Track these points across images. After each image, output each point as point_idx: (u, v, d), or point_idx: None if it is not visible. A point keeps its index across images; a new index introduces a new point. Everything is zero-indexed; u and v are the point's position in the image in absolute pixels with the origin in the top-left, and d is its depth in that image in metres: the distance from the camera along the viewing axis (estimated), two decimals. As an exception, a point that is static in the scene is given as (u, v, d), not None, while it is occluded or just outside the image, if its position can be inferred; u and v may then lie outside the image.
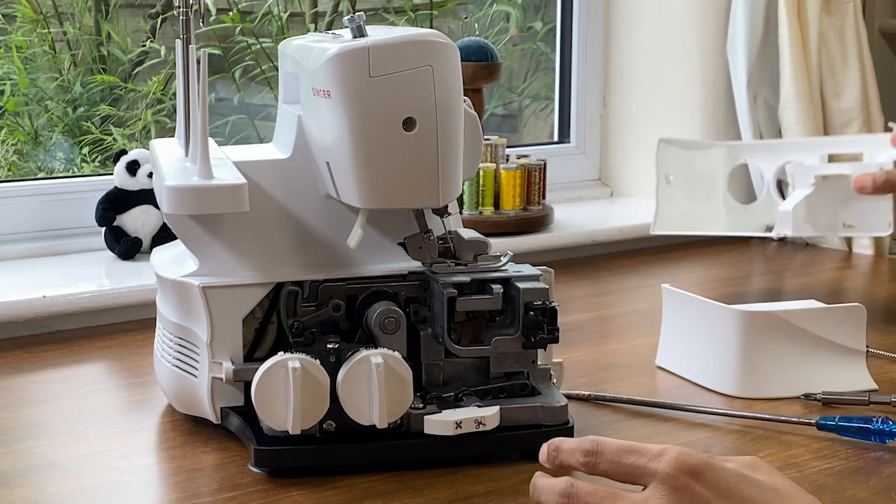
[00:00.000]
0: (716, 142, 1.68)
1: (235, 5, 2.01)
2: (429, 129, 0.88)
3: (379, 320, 0.93)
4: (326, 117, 0.90)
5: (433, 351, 0.95)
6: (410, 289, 0.96)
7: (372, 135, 0.88)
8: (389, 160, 0.88)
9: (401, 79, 0.87)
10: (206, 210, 0.91)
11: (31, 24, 2.01)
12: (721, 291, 1.50)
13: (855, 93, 1.87)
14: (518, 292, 0.93)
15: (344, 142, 0.88)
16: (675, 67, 1.96)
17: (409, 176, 0.89)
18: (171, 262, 1.01)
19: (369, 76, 0.87)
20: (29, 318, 1.28)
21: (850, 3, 1.88)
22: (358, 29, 0.90)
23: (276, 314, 0.96)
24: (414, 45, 0.88)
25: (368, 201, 0.90)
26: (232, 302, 0.94)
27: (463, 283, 0.93)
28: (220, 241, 0.95)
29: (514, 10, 2.25)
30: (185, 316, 0.97)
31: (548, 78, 2.21)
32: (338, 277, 0.96)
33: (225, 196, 0.90)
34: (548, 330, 0.92)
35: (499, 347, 0.94)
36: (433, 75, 0.88)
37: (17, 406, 1.06)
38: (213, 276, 0.95)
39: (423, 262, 0.96)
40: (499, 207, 1.69)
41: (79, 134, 2.02)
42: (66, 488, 0.88)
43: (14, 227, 1.51)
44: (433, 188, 0.90)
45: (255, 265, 0.96)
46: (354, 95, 0.87)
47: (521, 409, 0.93)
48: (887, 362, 1.19)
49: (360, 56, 0.87)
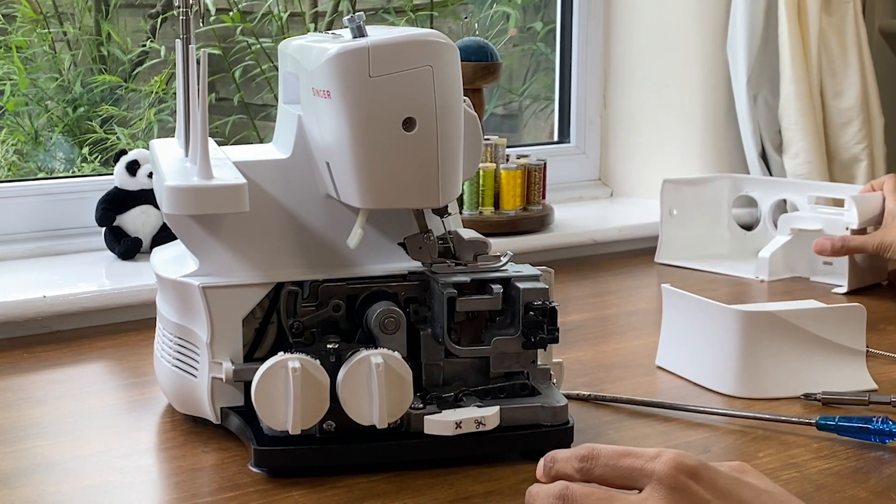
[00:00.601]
0: (719, 174, 1.77)
1: (235, 5, 2.01)
2: (429, 129, 0.88)
3: (379, 320, 0.93)
4: (326, 117, 0.90)
5: (433, 351, 0.95)
6: (410, 289, 0.96)
7: (372, 135, 0.88)
8: (389, 160, 0.88)
9: (401, 79, 0.87)
10: (206, 210, 0.91)
11: (31, 24, 2.01)
12: (722, 292, 1.50)
13: (855, 93, 1.87)
14: (518, 292, 0.92)
15: (344, 142, 0.88)
16: (675, 67, 1.96)
17: (409, 176, 0.89)
18: (171, 262, 1.01)
19: (369, 76, 0.87)
20: (29, 318, 1.28)
21: (850, 3, 1.88)
22: (358, 29, 0.90)
23: (276, 314, 0.96)
24: (414, 45, 0.88)
25: (368, 201, 0.90)
26: (232, 302, 0.94)
27: (463, 284, 0.93)
28: (220, 241, 0.95)
29: (514, 11, 2.25)
30: (186, 316, 0.97)
31: (548, 78, 2.21)
32: (337, 277, 0.96)
33: (225, 196, 0.90)
34: (548, 330, 0.92)
35: (499, 347, 0.93)
36: (433, 75, 0.88)
37: (17, 406, 1.06)
38: (213, 276, 0.95)
39: (423, 262, 0.96)
40: (499, 207, 1.69)
41: (79, 134, 2.02)
42: (66, 488, 0.88)
43: (14, 227, 1.51)
44: (433, 188, 0.90)
45: (255, 265, 0.96)
46: (354, 95, 0.87)
47: (521, 409, 0.93)
48: (887, 362, 1.19)
49: (359, 56, 0.87)
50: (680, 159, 1.96)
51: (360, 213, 0.93)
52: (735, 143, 1.93)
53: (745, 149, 1.90)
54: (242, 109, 2.06)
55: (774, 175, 1.88)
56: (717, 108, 1.95)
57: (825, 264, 1.54)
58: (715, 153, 1.95)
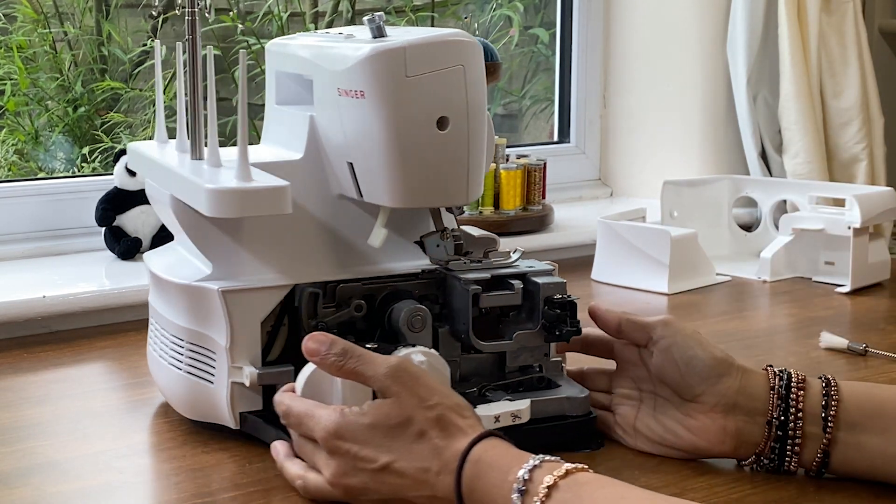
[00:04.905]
0: (719, 175, 1.77)
1: (235, 5, 2.01)
2: (460, 128, 0.89)
3: (407, 319, 0.93)
4: (356, 117, 0.89)
5: (450, 348, 0.95)
6: (423, 287, 0.97)
7: (407, 134, 0.88)
8: (423, 159, 0.89)
9: (435, 78, 0.88)
10: (250, 212, 0.89)
11: (31, 24, 2.01)
12: (722, 292, 1.50)
13: (854, 92, 1.87)
14: (537, 287, 0.94)
15: (378, 142, 0.88)
16: (675, 67, 1.96)
17: (441, 174, 0.90)
18: (175, 266, 0.99)
19: (405, 76, 0.87)
20: (29, 318, 1.28)
21: (849, 3, 1.88)
22: (378, 29, 0.91)
23: (286, 316, 0.96)
24: (447, 45, 0.89)
25: (401, 201, 0.90)
26: (251, 305, 0.93)
27: (484, 280, 0.94)
28: (237, 243, 0.94)
29: (515, 14, 2.25)
30: (200, 321, 0.95)
31: (548, 80, 2.22)
32: (355, 278, 0.96)
33: (269, 198, 0.88)
34: (571, 322, 0.94)
35: (521, 342, 0.95)
36: (464, 74, 0.89)
37: (17, 406, 1.06)
38: (229, 279, 0.94)
39: (439, 260, 0.96)
40: (499, 207, 1.69)
41: (80, 134, 2.02)
42: (66, 488, 0.88)
43: (14, 227, 1.51)
44: (462, 186, 0.91)
45: (271, 267, 0.95)
46: (391, 95, 0.87)
47: (548, 401, 0.94)
48: (887, 362, 1.19)
49: (396, 56, 0.87)
50: (680, 159, 1.96)
51: (382, 213, 0.93)
52: (735, 142, 1.93)
53: (745, 148, 1.90)
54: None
55: (774, 175, 1.88)
56: (717, 108, 1.95)
57: (827, 264, 1.54)
58: (715, 153, 1.96)
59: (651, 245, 1.49)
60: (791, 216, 1.58)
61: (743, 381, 0.89)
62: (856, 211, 1.49)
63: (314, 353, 0.83)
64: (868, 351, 1.19)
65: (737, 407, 0.88)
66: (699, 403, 0.89)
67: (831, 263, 1.53)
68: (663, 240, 1.48)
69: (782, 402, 0.87)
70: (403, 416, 0.79)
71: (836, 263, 1.52)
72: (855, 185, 1.75)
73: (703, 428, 0.89)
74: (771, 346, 1.26)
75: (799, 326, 1.34)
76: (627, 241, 1.51)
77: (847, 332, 1.28)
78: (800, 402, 0.87)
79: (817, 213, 1.56)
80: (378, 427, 0.79)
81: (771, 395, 0.88)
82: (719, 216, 1.70)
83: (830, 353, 1.21)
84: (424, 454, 0.78)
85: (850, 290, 1.48)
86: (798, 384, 0.88)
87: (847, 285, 1.48)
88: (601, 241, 1.55)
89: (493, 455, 0.76)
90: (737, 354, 0.93)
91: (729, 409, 0.88)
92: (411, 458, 0.78)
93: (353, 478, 0.80)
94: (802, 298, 1.46)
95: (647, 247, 1.49)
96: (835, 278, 1.52)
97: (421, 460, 0.78)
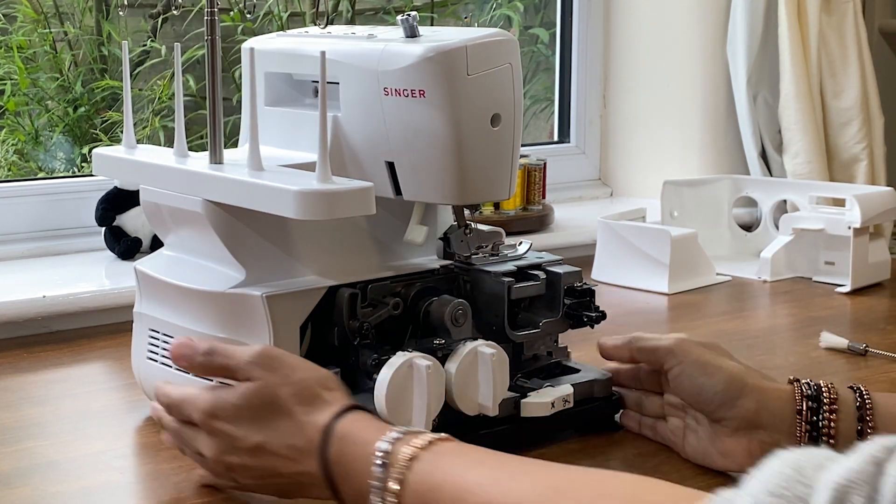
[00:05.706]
0: (719, 175, 1.78)
1: (235, 5, 2.01)
2: (509, 125, 0.92)
3: (451, 313, 0.93)
4: (410, 116, 0.90)
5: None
6: (444, 282, 0.98)
7: (466, 132, 0.90)
8: (478, 156, 0.91)
9: (490, 76, 0.90)
10: (339, 214, 0.87)
11: (31, 23, 2.01)
12: (723, 292, 1.51)
13: (854, 92, 1.87)
14: (558, 277, 0.97)
15: (436, 140, 0.90)
16: (675, 67, 1.96)
17: (491, 171, 0.92)
18: (192, 274, 0.96)
19: (467, 74, 0.89)
20: (29, 318, 1.28)
21: (849, 3, 1.88)
22: (411, 28, 0.92)
23: (308, 318, 0.94)
24: (500, 43, 0.91)
25: (453, 198, 0.92)
26: (293, 309, 0.92)
27: (511, 272, 0.96)
28: (277, 248, 0.94)
29: (515, 14, 2.25)
30: (234, 328, 0.93)
31: (548, 80, 2.21)
32: (385, 277, 0.96)
33: (356, 199, 0.87)
34: (595, 308, 0.97)
35: (548, 329, 0.98)
36: (512, 72, 0.91)
37: (17, 406, 1.06)
38: (263, 284, 0.93)
39: (461, 254, 0.98)
40: (499, 207, 1.69)
41: (80, 134, 2.02)
42: (66, 488, 0.88)
43: (14, 227, 1.51)
44: (505, 181, 0.94)
45: (304, 270, 0.95)
46: (454, 94, 0.89)
47: (580, 385, 0.96)
48: (887, 362, 1.19)
49: (458, 55, 0.89)
50: (680, 159, 1.96)
51: (417, 210, 0.96)
52: (735, 142, 1.93)
53: (745, 148, 1.90)
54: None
55: (774, 175, 1.88)
56: (717, 108, 1.95)
57: (827, 264, 1.54)
58: (715, 153, 1.96)
59: (651, 245, 1.49)
60: (791, 216, 1.58)
61: (761, 399, 0.87)
62: (856, 211, 1.49)
63: (183, 359, 0.83)
64: (868, 351, 1.19)
65: (759, 426, 0.87)
66: (723, 427, 0.88)
67: (831, 263, 1.53)
68: (663, 240, 1.48)
69: (813, 429, 0.85)
70: (269, 396, 0.78)
71: (836, 263, 1.52)
72: (855, 185, 1.75)
73: (731, 452, 0.88)
74: (771, 346, 1.26)
75: (799, 326, 1.34)
76: (627, 241, 1.51)
77: (847, 332, 1.28)
78: (831, 426, 0.85)
79: (817, 213, 1.56)
80: (247, 408, 0.79)
81: (798, 421, 0.86)
82: (719, 216, 1.70)
83: (830, 353, 1.21)
84: (291, 431, 0.77)
85: (851, 290, 1.48)
86: (830, 404, 0.85)
87: (847, 285, 1.48)
88: (601, 241, 1.55)
89: (356, 428, 0.76)
90: (737, 354, 0.93)
91: (751, 429, 0.87)
92: (280, 437, 0.78)
93: (232, 456, 0.79)
94: (802, 298, 1.46)
95: (648, 247, 1.49)
96: (835, 278, 1.52)
97: (289, 437, 0.77)
